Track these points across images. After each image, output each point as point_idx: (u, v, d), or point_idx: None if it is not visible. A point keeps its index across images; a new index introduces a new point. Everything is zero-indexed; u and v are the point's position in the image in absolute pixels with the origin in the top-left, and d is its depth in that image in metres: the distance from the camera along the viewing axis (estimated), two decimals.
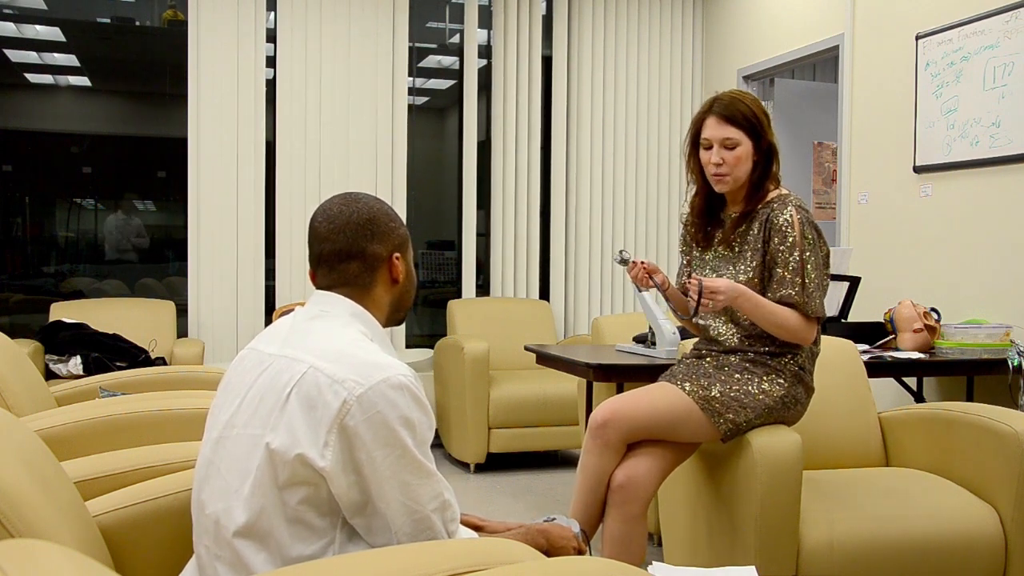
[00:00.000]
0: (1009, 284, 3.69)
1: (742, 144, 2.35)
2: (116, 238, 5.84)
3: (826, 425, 2.77)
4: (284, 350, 1.43)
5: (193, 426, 2.08)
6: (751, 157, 2.37)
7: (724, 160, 2.36)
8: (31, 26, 5.62)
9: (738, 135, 2.35)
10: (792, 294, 2.32)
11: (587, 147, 5.61)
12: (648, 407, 2.34)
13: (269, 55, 5.07)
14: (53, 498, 1.30)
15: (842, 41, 4.59)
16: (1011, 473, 2.36)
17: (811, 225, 2.36)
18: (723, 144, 2.36)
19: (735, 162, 2.36)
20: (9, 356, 2.55)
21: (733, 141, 2.35)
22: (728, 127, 2.36)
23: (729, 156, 2.36)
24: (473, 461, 4.61)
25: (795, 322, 2.31)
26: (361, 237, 1.49)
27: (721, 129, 2.36)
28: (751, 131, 2.36)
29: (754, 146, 2.37)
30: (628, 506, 2.29)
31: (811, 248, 2.33)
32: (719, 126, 2.37)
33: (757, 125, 2.36)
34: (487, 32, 5.66)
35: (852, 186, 4.55)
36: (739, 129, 2.35)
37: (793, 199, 2.39)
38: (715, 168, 2.38)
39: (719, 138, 2.36)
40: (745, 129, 2.35)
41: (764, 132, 2.37)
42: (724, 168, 2.37)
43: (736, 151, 2.35)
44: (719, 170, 2.38)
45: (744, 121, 2.35)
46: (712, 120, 2.39)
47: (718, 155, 2.37)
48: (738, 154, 2.36)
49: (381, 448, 1.33)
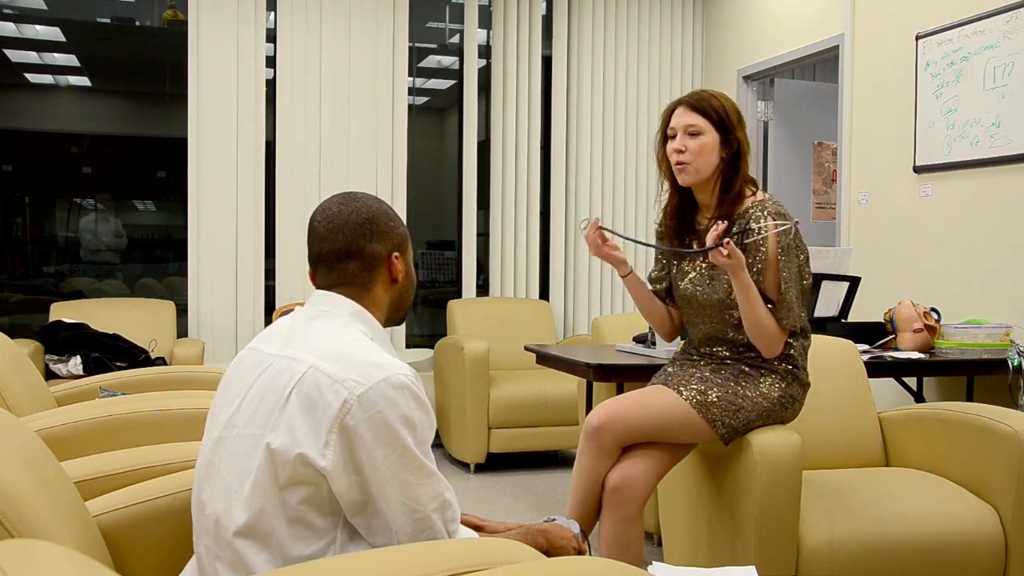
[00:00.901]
0: (1009, 284, 3.69)
1: (706, 134, 2.32)
2: (89, 240, 5.83)
3: (826, 425, 2.77)
4: (284, 350, 1.43)
5: (193, 426, 2.08)
6: (717, 151, 2.34)
7: (687, 147, 2.33)
8: (31, 26, 5.62)
9: (703, 124, 2.33)
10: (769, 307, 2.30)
11: (587, 147, 5.61)
12: (644, 411, 2.33)
13: (269, 55, 5.07)
14: (53, 498, 1.30)
15: (842, 41, 4.59)
16: (1011, 473, 2.36)
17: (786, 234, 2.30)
18: (687, 131, 2.34)
19: (698, 150, 2.33)
20: (9, 356, 2.55)
21: (697, 128, 2.33)
22: (694, 114, 2.34)
23: (692, 144, 2.33)
24: (473, 461, 4.61)
25: (772, 330, 2.29)
26: (360, 237, 1.49)
27: (686, 116, 2.35)
28: (719, 124, 2.33)
29: (722, 141, 2.34)
30: (623, 508, 2.28)
31: (785, 258, 2.29)
32: (685, 114, 2.36)
33: (725, 119, 2.33)
34: (487, 32, 5.66)
35: (852, 186, 4.55)
36: (705, 119, 2.33)
37: (770, 206, 2.34)
38: (677, 156, 2.35)
39: (683, 124, 2.35)
40: (712, 120, 2.33)
41: (732, 128, 2.34)
42: (686, 156, 2.34)
43: (699, 139, 2.32)
44: (681, 157, 2.35)
45: (711, 112, 2.33)
46: (680, 109, 2.38)
47: (681, 142, 2.35)
48: (701, 143, 2.32)
49: (382, 448, 1.33)
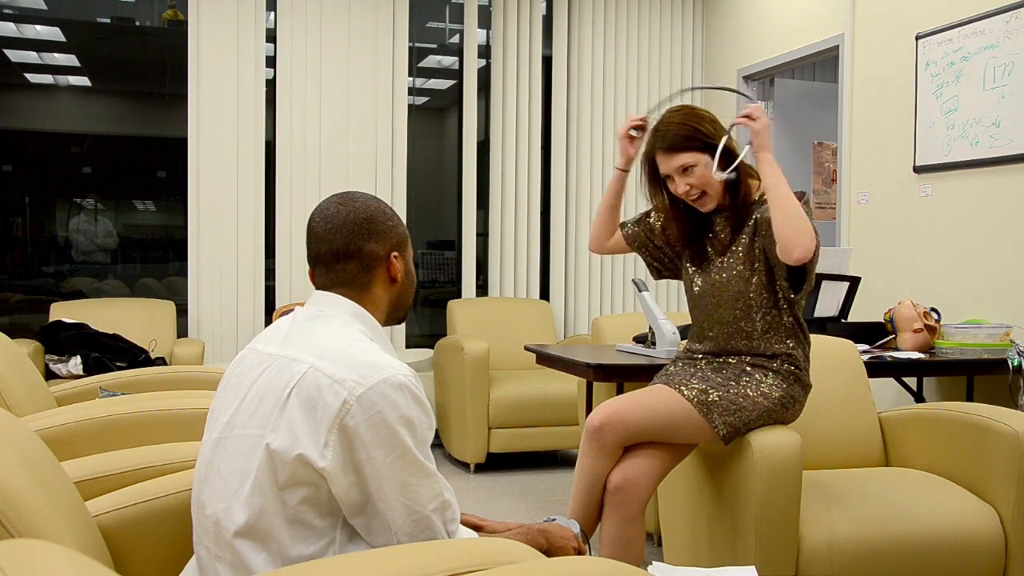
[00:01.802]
0: (1009, 284, 3.69)
1: (697, 164, 2.34)
2: (80, 240, 5.82)
3: (826, 425, 2.77)
4: (284, 350, 1.43)
5: (193, 426, 2.08)
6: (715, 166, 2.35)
7: (691, 185, 2.36)
8: (31, 26, 5.62)
9: (690, 158, 2.33)
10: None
11: (587, 147, 5.61)
12: (646, 411, 2.33)
13: (269, 55, 5.07)
14: (53, 498, 1.30)
15: (842, 41, 4.59)
16: (1011, 473, 2.36)
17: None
18: (680, 171, 2.36)
19: (702, 182, 2.35)
20: (9, 356, 2.55)
21: (687, 164, 2.34)
22: (677, 155, 2.34)
23: (693, 179, 2.35)
24: (473, 461, 4.61)
25: (808, 224, 2.22)
26: (358, 237, 1.49)
27: (671, 160, 2.36)
28: (700, 147, 2.34)
29: (712, 156, 2.34)
30: (625, 508, 2.29)
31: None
32: (667, 159, 2.37)
33: (702, 138, 2.34)
34: (487, 32, 5.66)
35: (852, 186, 4.55)
36: (687, 152, 2.33)
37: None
38: (688, 197, 2.39)
39: (672, 168, 2.36)
40: (695, 149, 2.33)
41: (713, 138, 2.34)
42: (694, 192, 2.37)
43: (696, 171, 2.34)
44: (693, 194, 2.38)
45: (687, 142, 2.33)
46: (660, 155, 2.38)
47: (683, 183, 2.36)
48: (700, 173, 2.34)
49: (381, 448, 1.33)
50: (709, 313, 2.47)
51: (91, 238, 5.83)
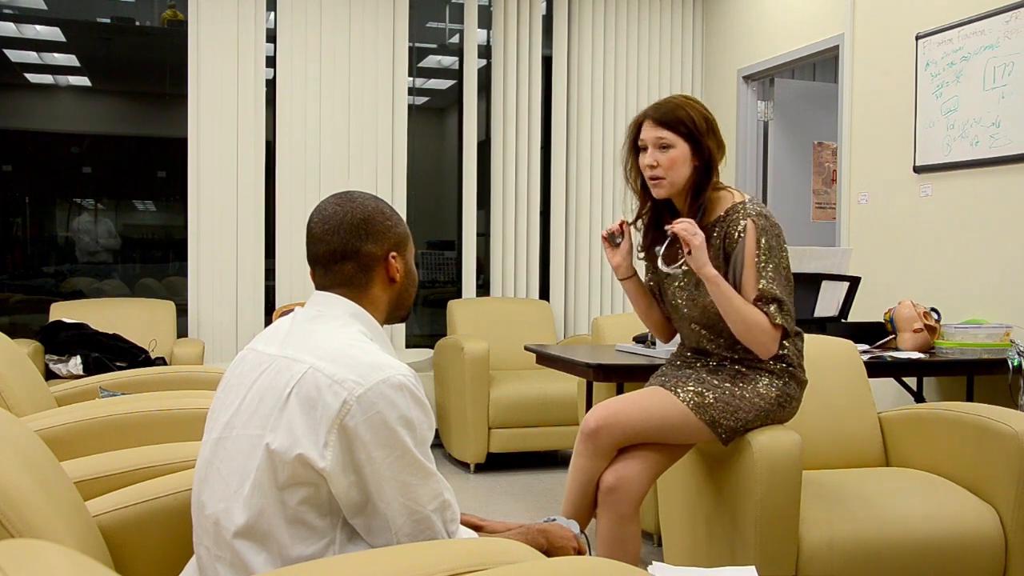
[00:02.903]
0: (1009, 284, 3.69)
1: (677, 147, 2.31)
2: (85, 240, 5.83)
3: (826, 425, 2.77)
4: (284, 350, 1.43)
5: (193, 426, 2.08)
6: (689, 162, 2.32)
7: (659, 162, 2.33)
8: (31, 26, 5.62)
9: (672, 137, 2.31)
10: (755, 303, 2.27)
11: (587, 147, 5.61)
12: (642, 413, 2.32)
13: (269, 55, 5.07)
14: (53, 498, 1.30)
15: (842, 41, 4.59)
16: (1011, 473, 2.36)
17: (769, 233, 2.30)
18: (657, 144, 2.33)
19: (670, 164, 2.32)
20: (9, 356, 2.55)
21: (667, 141, 2.31)
22: (661, 129, 2.32)
23: (663, 158, 2.32)
24: (473, 461, 4.61)
25: (762, 325, 2.26)
26: (355, 237, 1.48)
27: (655, 130, 2.33)
28: (688, 136, 2.31)
29: (692, 151, 2.32)
30: (619, 507, 2.28)
31: (767, 256, 2.28)
32: (653, 128, 2.34)
33: (693, 129, 2.31)
34: (487, 32, 5.66)
35: (852, 186, 4.55)
36: (674, 132, 2.31)
37: (751, 207, 2.33)
38: (650, 170, 2.35)
39: (652, 138, 2.33)
40: (680, 133, 2.31)
41: (702, 136, 2.32)
42: (659, 171, 2.33)
43: (670, 152, 2.31)
44: (654, 172, 2.34)
45: (679, 124, 2.31)
46: (648, 123, 2.36)
47: (652, 156, 2.33)
48: (672, 156, 2.31)
49: (381, 448, 1.33)
50: (689, 320, 2.45)
51: (95, 238, 5.84)
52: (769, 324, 2.27)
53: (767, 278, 2.27)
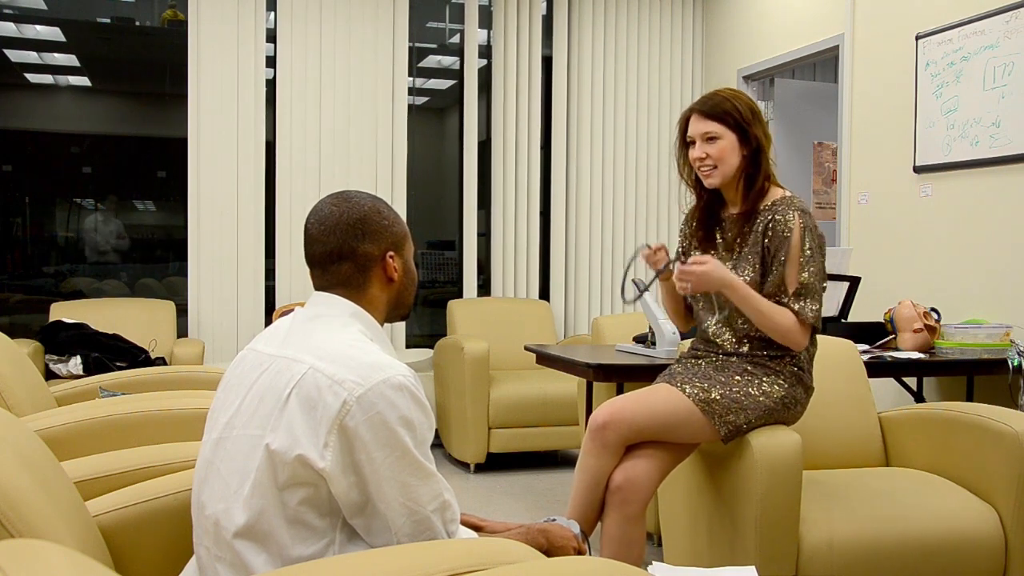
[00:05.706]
0: (1009, 284, 3.69)
1: (724, 138, 2.37)
2: (95, 240, 5.83)
3: (826, 425, 2.77)
4: (284, 351, 1.43)
5: (193, 426, 2.08)
6: (737, 151, 2.38)
7: (708, 154, 2.39)
8: (31, 26, 5.62)
9: (719, 129, 2.37)
10: (788, 299, 2.32)
11: (587, 147, 5.61)
12: (648, 409, 2.34)
13: (269, 55, 5.07)
14: (53, 498, 1.30)
15: (842, 41, 4.59)
16: (1011, 473, 2.36)
17: (812, 231, 2.36)
18: (704, 138, 2.40)
19: (719, 155, 2.38)
20: (9, 356, 2.55)
21: (714, 134, 2.38)
22: (709, 122, 2.39)
23: (712, 149, 2.38)
24: (473, 461, 4.61)
25: (789, 323, 2.32)
26: (352, 238, 1.48)
27: (702, 124, 2.40)
28: (735, 126, 2.37)
29: (740, 140, 2.38)
30: (627, 507, 2.29)
31: (810, 255, 2.33)
32: (700, 122, 2.41)
33: (740, 120, 2.37)
34: (487, 32, 5.66)
35: (852, 186, 4.55)
36: (720, 124, 2.37)
37: (797, 203, 2.39)
38: (699, 163, 2.42)
39: (700, 132, 2.40)
40: (727, 124, 2.37)
41: (749, 126, 2.38)
42: (709, 161, 2.40)
43: (718, 144, 2.38)
44: (704, 163, 2.41)
45: (725, 116, 2.37)
46: (695, 117, 2.43)
47: (701, 149, 2.40)
48: (721, 147, 2.38)
49: (381, 449, 1.32)
50: (714, 311, 2.47)
51: (106, 238, 5.85)
52: (795, 322, 2.32)
53: (810, 272, 2.33)
